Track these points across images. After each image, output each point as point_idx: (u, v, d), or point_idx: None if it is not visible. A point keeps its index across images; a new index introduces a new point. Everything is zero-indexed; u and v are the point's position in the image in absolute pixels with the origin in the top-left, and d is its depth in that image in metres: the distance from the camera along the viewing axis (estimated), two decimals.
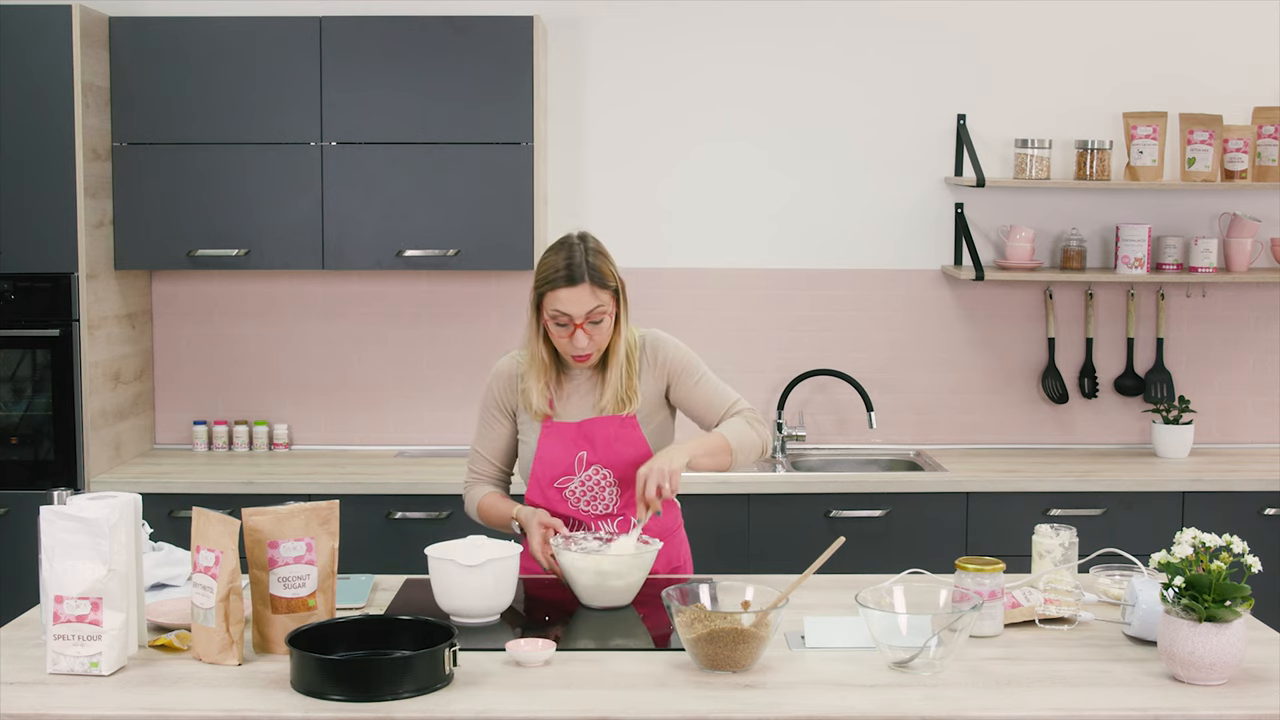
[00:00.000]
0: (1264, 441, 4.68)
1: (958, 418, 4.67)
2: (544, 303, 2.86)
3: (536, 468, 2.95)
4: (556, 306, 2.83)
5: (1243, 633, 2.27)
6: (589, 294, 2.83)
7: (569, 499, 2.95)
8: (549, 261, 2.86)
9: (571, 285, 2.82)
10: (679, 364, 2.99)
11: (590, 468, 2.94)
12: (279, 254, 4.29)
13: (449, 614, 2.64)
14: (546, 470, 2.94)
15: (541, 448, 2.95)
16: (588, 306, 2.83)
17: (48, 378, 4.10)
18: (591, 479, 2.94)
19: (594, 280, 2.83)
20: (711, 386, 3.02)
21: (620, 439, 2.93)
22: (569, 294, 2.82)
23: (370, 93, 4.22)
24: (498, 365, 3.04)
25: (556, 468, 2.94)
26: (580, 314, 2.83)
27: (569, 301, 2.82)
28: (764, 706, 2.19)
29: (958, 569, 2.55)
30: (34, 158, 4.05)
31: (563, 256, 2.85)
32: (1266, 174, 4.42)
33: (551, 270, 2.84)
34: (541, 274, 2.86)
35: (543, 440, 2.95)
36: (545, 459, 2.94)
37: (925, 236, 4.62)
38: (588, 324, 2.84)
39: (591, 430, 2.94)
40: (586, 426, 2.94)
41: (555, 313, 2.84)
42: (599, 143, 4.59)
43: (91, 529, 2.33)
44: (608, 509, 2.96)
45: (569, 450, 2.93)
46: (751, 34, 4.56)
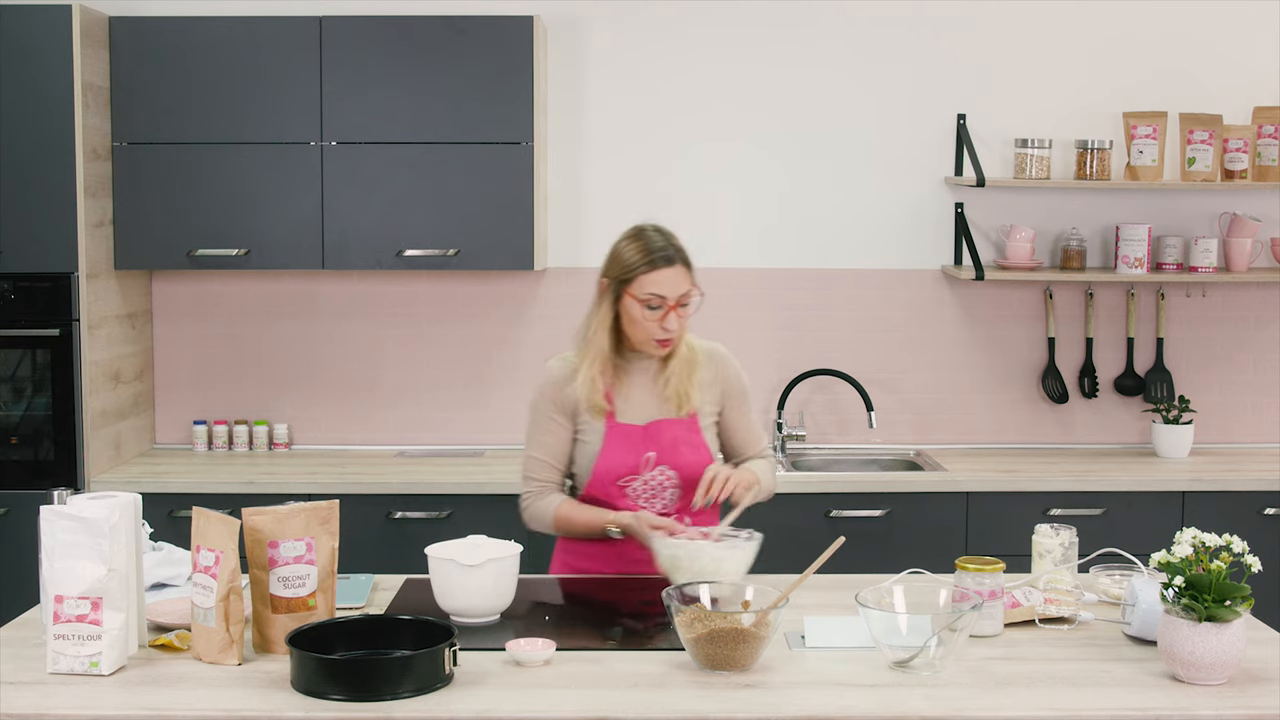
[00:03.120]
0: (1264, 441, 4.68)
1: (958, 418, 4.67)
2: (634, 287, 2.87)
3: (601, 466, 2.94)
4: (652, 289, 2.86)
5: (1243, 633, 2.27)
6: (683, 275, 2.89)
7: (629, 497, 2.95)
8: (637, 246, 2.89)
9: (670, 265, 2.87)
10: (739, 387, 3.07)
11: (657, 468, 2.94)
12: (279, 254, 4.29)
13: (449, 614, 2.64)
14: (612, 469, 2.94)
15: (608, 447, 2.94)
16: (682, 288, 2.88)
17: (48, 378, 4.10)
18: (655, 479, 2.95)
19: (684, 261, 2.90)
20: (753, 421, 3.11)
21: (685, 441, 2.96)
22: (668, 274, 2.86)
23: (370, 93, 4.22)
24: (550, 370, 3.02)
25: (622, 467, 2.94)
26: (674, 295, 2.87)
27: (666, 282, 2.86)
28: (764, 706, 2.19)
29: (958, 569, 2.55)
30: (34, 158, 4.05)
31: (654, 240, 2.90)
32: (1266, 174, 4.42)
33: (646, 253, 2.88)
34: (632, 258, 2.89)
35: (609, 440, 2.94)
36: (611, 458, 2.94)
37: (925, 236, 4.62)
38: (679, 307, 2.88)
39: (658, 432, 2.95)
40: (653, 428, 2.95)
41: (650, 295, 2.86)
42: (599, 142, 4.59)
43: (91, 529, 2.33)
44: (665, 509, 2.97)
45: (636, 451, 2.94)
46: (751, 34, 4.56)
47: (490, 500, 4.08)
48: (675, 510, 2.98)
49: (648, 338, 2.90)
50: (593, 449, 2.97)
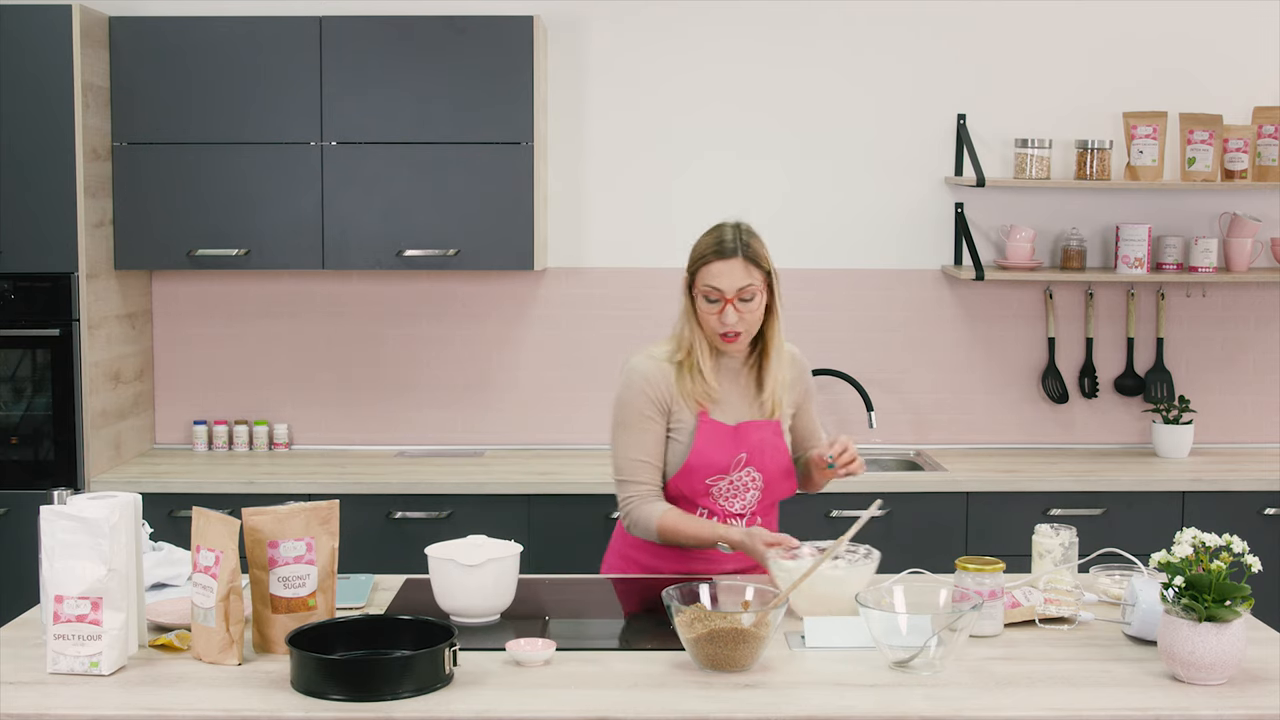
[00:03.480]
0: (1264, 441, 4.68)
1: (958, 418, 4.67)
2: (697, 280, 2.88)
3: (693, 462, 2.92)
4: (709, 281, 2.86)
5: (1243, 633, 2.27)
6: (741, 269, 2.85)
7: (714, 495, 2.95)
8: (703, 242, 2.91)
9: (723, 259, 2.85)
10: (811, 389, 3.11)
11: (745, 469, 2.94)
12: (279, 254, 4.29)
13: (449, 614, 2.64)
14: (703, 467, 2.92)
15: (699, 444, 2.92)
16: (740, 282, 2.85)
17: (48, 378, 4.10)
18: (742, 480, 2.94)
19: (747, 256, 2.86)
20: (817, 421, 3.14)
21: (771, 444, 2.96)
22: (722, 267, 2.85)
23: (370, 93, 4.22)
24: (641, 368, 2.95)
25: (713, 467, 2.93)
26: (731, 289, 2.84)
27: (721, 275, 2.85)
28: (764, 706, 2.19)
29: (958, 569, 2.55)
30: (34, 158, 4.05)
31: (717, 235, 2.90)
32: (1266, 174, 4.42)
33: (705, 247, 2.89)
34: (696, 252, 2.90)
35: (701, 438, 2.92)
36: (703, 456, 2.92)
37: (925, 236, 4.62)
38: (738, 301, 2.85)
39: (747, 433, 2.94)
40: (742, 429, 2.94)
41: (707, 288, 2.86)
42: (599, 142, 4.59)
43: (91, 529, 2.33)
44: (744, 509, 2.97)
45: (728, 451, 2.93)
46: (751, 34, 4.56)
47: (490, 500, 4.08)
48: (755, 511, 2.99)
49: (712, 332, 2.90)
50: (683, 445, 2.93)
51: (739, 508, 2.97)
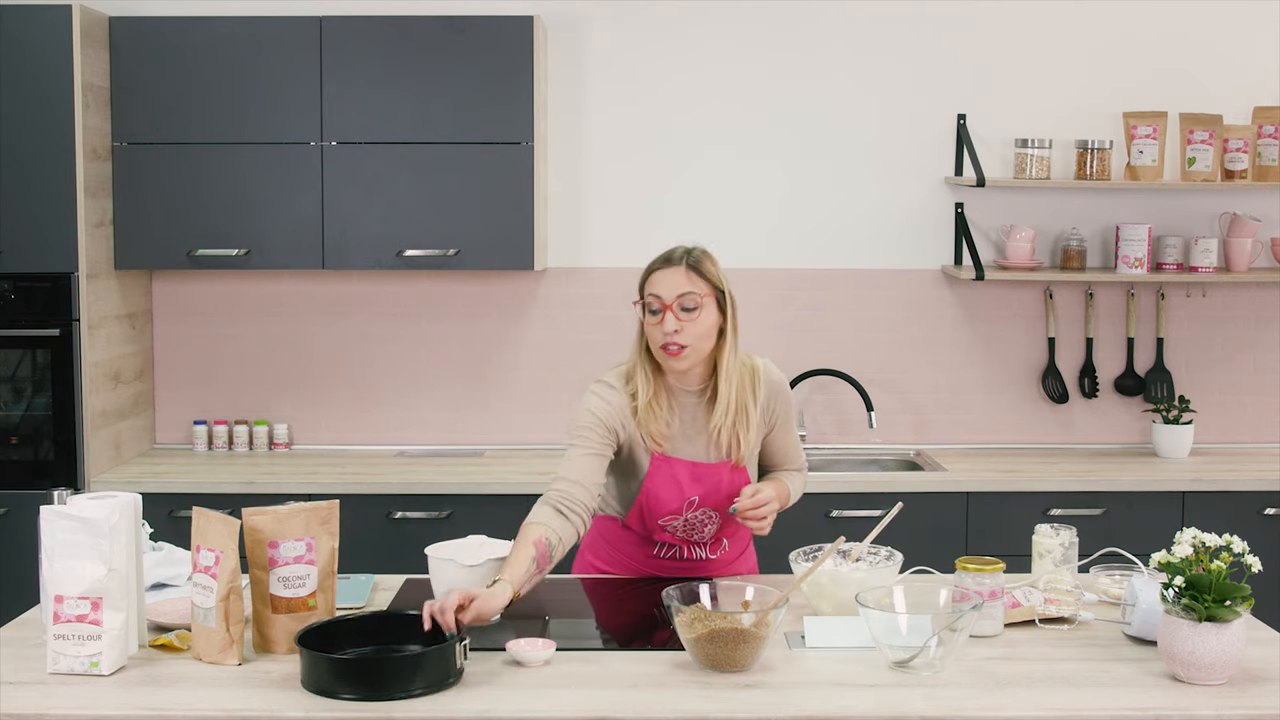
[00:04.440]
0: (1264, 441, 4.68)
1: (958, 418, 4.67)
2: (643, 292, 2.83)
3: (645, 502, 2.88)
4: (651, 289, 2.81)
5: (1243, 633, 2.27)
6: (682, 275, 2.79)
7: (668, 529, 2.93)
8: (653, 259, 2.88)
9: (668, 266, 2.81)
10: (786, 413, 2.99)
11: (699, 510, 2.90)
12: (279, 254, 4.29)
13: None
14: (655, 507, 2.89)
15: (652, 484, 2.87)
16: (680, 288, 2.78)
17: (48, 378, 4.10)
18: (697, 518, 2.91)
19: (690, 265, 2.81)
20: (794, 439, 3.05)
21: (729, 485, 2.89)
22: (662, 274, 2.81)
23: (370, 93, 4.22)
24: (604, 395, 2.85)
25: (665, 507, 2.88)
26: (671, 295, 2.78)
27: (660, 282, 2.80)
28: (764, 706, 2.19)
29: (958, 569, 2.55)
30: (34, 158, 4.05)
31: (666, 251, 2.87)
32: (1266, 174, 4.42)
33: (652, 261, 2.86)
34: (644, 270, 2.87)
35: (653, 477, 2.86)
36: (655, 497, 2.87)
37: (925, 236, 4.62)
38: (680, 309, 2.77)
39: (703, 475, 2.88)
40: (699, 471, 2.88)
41: (650, 296, 2.81)
42: (599, 142, 4.59)
43: (91, 529, 2.34)
44: (702, 540, 2.96)
45: (680, 492, 2.87)
46: (751, 34, 4.56)
47: (490, 500, 4.08)
48: (716, 537, 2.97)
49: (656, 346, 2.81)
50: (636, 480, 2.89)
51: (698, 538, 2.96)
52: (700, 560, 2.98)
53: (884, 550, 2.73)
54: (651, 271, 2.84)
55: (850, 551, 2.72)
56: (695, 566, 2.97)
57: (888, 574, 2.64)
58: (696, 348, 2.80)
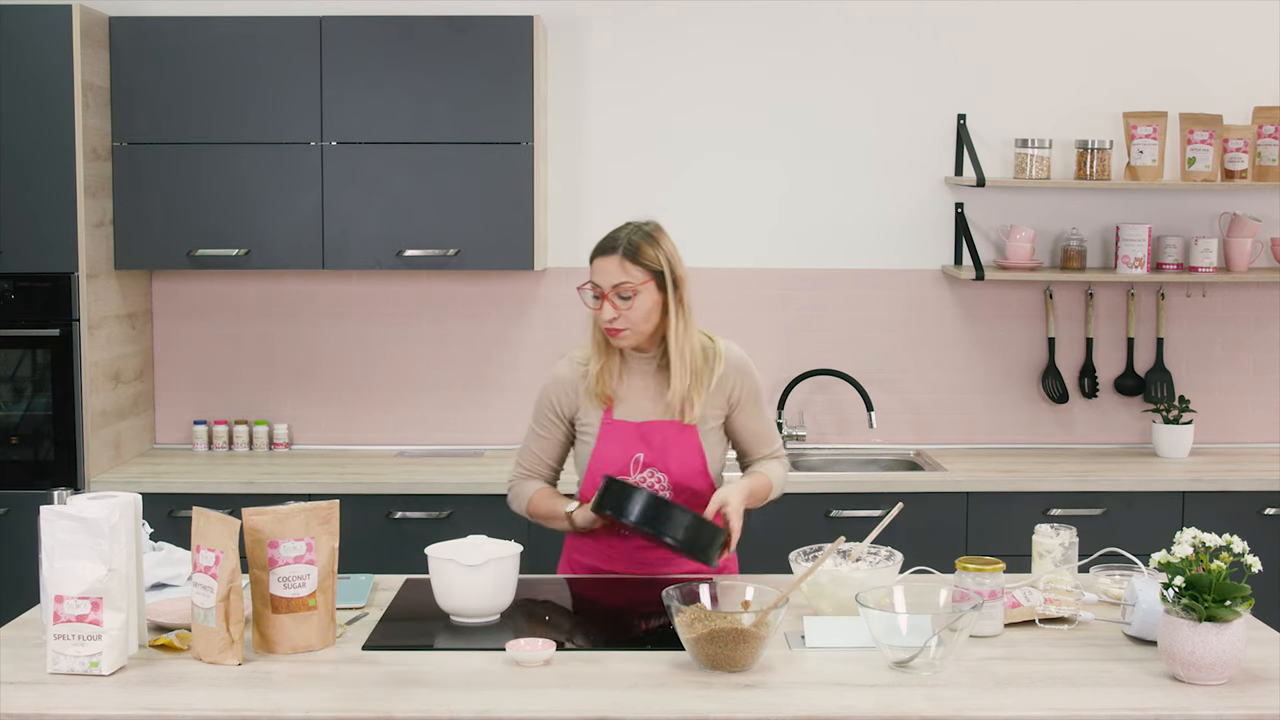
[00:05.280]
0: (1264, 441, 4.68)
1: (958, 418, 4.67)
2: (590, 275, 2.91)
3: (594, 465, 2.95)
4: (592, 277, 2.90)
5: (1243, 633, 2.27)
6: (616, 265, 2.86)
7: None
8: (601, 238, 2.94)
9: (605, 255, 2.88)
10: (750, 392, 3.02)
11: (646, 470, 2.94)
12: (279, 254, 4.29)
13: (449, 614, 2.64)
14: (603, 468, 2.94)
15: (600, 445, 2.95)
16: (614, 279, 2.86)
17: (48, 378, 4.10)
18: (646, 481, 2.94)
19: (626, 254, 2.86)
20: (766, 423, 3.07)
21: (677, 444, 2.94)
22: (600, 263, 2.89)
23: (370, 93, 4.22)
24: (557, 370, 3.02)
25: (612, 467, 2.93)
26: (607, 284, 2.87)
27: (598, 270, 2.89)
28: (764, 706, 2.19)
29: (958, 569, 2.55)
30: (34, 158, 4.05)
31: (610, 232, 2.93)
32: (1266, 174, 4.42)
33: (596, 244, 2.92)
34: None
35: (602, 437, 2.95)
36: (602, 457, 2.94)
37: (925, 236, 4.62)
38: (616, 298, 2.86)
39: (650, 433, 2.94)
40: (645, 428, 2.95)
41: (589, 283, 2.90)
42: (599, 142, 4.59)
43: (91, 529, 2.33)
44: None
45: (626, 450, 2.94)
46: (751, 34, 4.56)
47: (490, 500, 4.08)
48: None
49: (600, 327, 2.93)
50: (589, 447, 2.97)
51: None
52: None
53: (884, 550, 2.73)
54: (593, 257, 2.91)
55: (850, 551, 2.72)
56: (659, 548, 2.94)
57: (888, 574, 2.64)
58: (636, 329, 2.90)
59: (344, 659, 2.42)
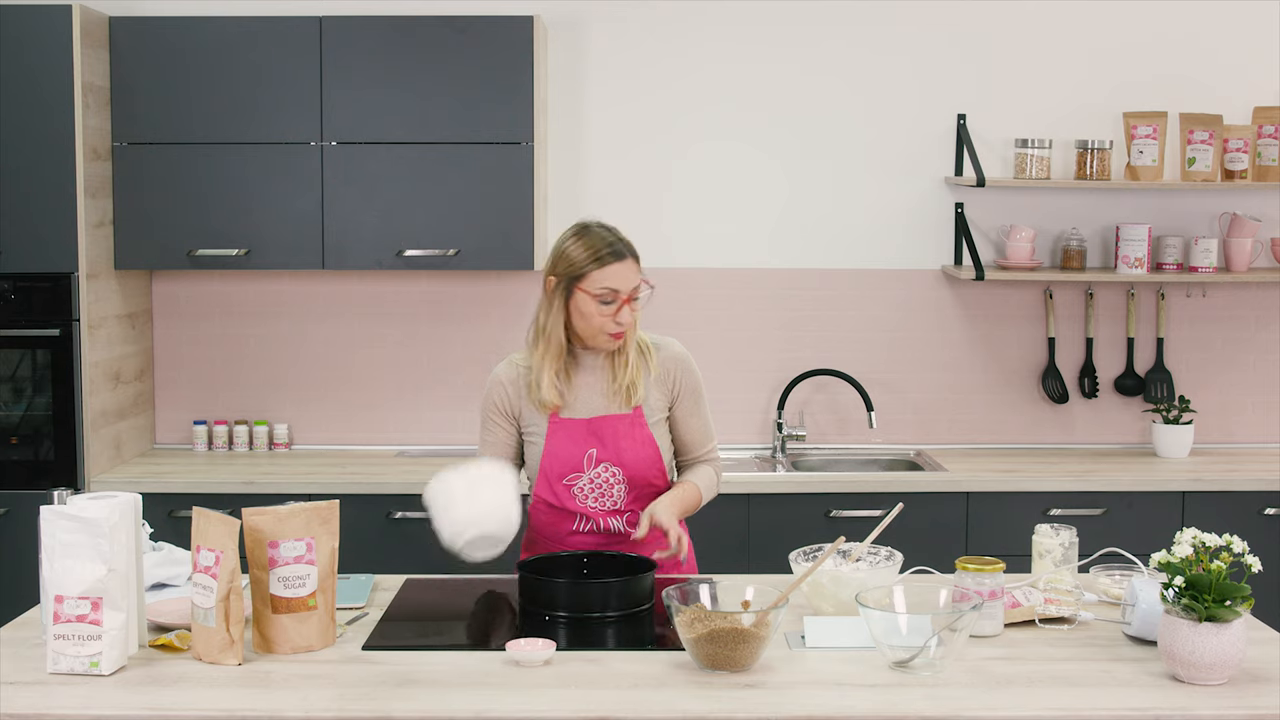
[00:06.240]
0: (1264, 441, 4.68)
1: (958, 418, 4.67)
2: (586, 283, 2.88)
3: (545, 464, 2.96)
4: (607, 283, 2.88)
5: (1243, 633, 2.27)
6: (634, 270, 2.92)
7: (577, 496, 2.96)
8: (585, 243, 2.91)
9: (622, 260, 2.90)
10: (691, 386, 3.05)
11: (600, 465, 2.94)
12: (279, 254, 4.29)
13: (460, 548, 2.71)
14: (555, 467, 2.95)
15: (550, 444, 2.95)
16: (633, 281, 2.91)
17: (48, 378, 4.10)
18: (600, 476, 2.94)
19: (634, 256, 2.93)
20: (704, 421, 3.08)
21: (628, 436, 2.96)
22: (621, 268, 2.89)
23: (370, 93, 4.22)
24: (496, 373, 3.04)
25: (565, 465, 2.94)
26: (627, 289, 2.89)
27: (619, 276, 2.89)
28: (764, 706, 2.19)
29: (958, 569, 2.55)
30: (34, 158, 4.05)
31: (601, 237, 2.92)
32: (1266, 174, 4.42)
33: (598, 249, 2.90)
34: (583, 255, 2.89)
35: (551, 437, 2.95)
36: (554, 455, 2.95)
37: (925, 236, 4.62)
38: (630, 300, 2.90)
39: (600, 428, 2.95)
40: (595, 424, 2.95)
41: (604, 290, 2.88)
42: (599, 142, 4.59)
43: (91, 529, 2.33)
44: (615, 505, 2.97)
45: (578, 447, 2.94)
46: (751, 34, 4.56)
47: None
48: (626, 507, 2.97)
49: (600, 332, 2.91)
50: (538, 448, 2.97)
51: (610, 505, 2.97)
52: (618, 534, 2.96)
53: (884, 550, 2.73)
54: (605, 263, 2.89)
55: (850, 551, 2.72)
56: (614, 542, 2.96)
57: (888, 574, 2.64)
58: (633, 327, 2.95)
59: (344, 659, 2.42)
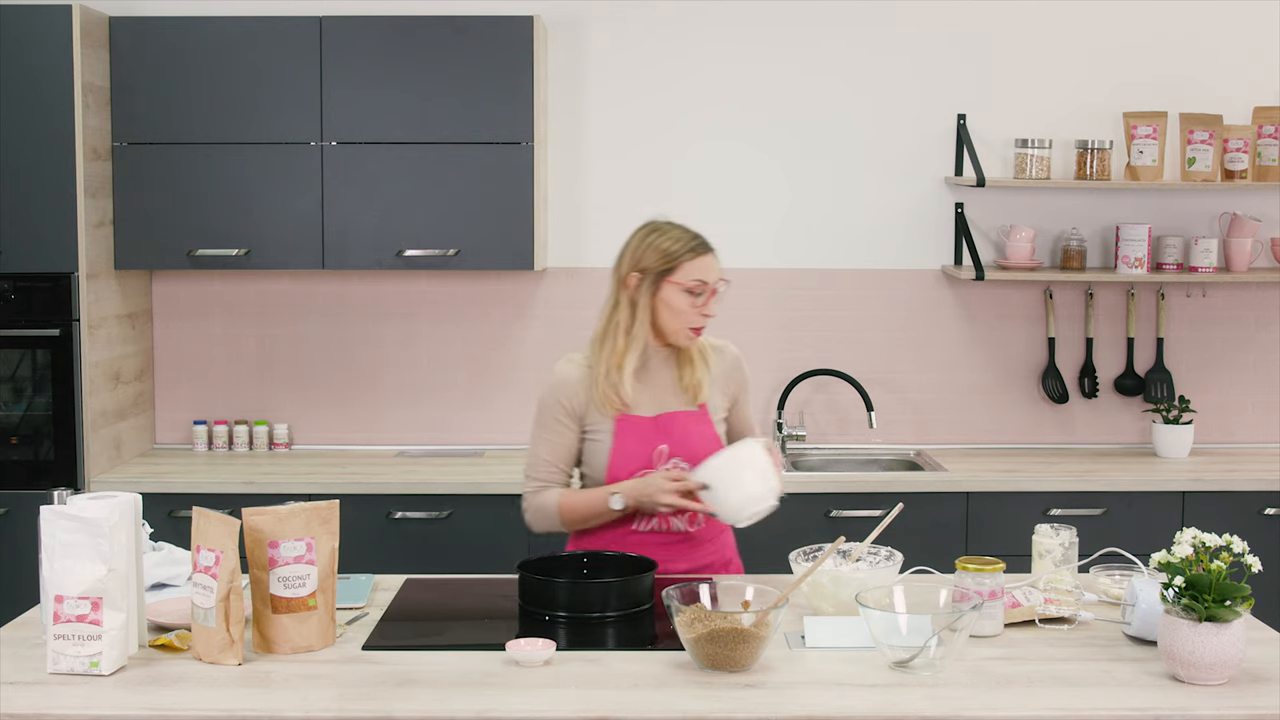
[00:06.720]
0: (1264, 441, 4.68)
1: (958, 418, 4.67)
2: (677, 274, 2.91)
3: (615, 462, 2.94)
4: (696, 275, 2.93)
5: (1243, 633, 2.27)
6: (716, 261, 2.98)
7: None
8: (674, 235, 2.96)
9: (711, 251, 2.97)
10: (746, 384, 3.13)
11: (670, 461, 2.95)
12: (279, 254, 4.29)
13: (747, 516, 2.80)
14: (625, 464, 2.94)
15: (619, 442, 2.95)
16: (718, 274, 2.97)
17: (48, 378, 4.10)
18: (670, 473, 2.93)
19: (714, 251, 2.99)
20: (750, 416, 3.15)
21: (697, 433, 2.98)
22: (710, 259, 2.96)
23: (370, 93, 4.22)
24: (561, 373, 3.01)
25: (635, 461, 2.94)
26: (714, 279, 2.95)
27: (708, 268, 2.95)
28: (764, 706, 2.19)
29: (958, 569, 2.55)
30: (34, 158, 4.05)
31: (686, 230, 2.98)
32: (1266, 174, 4.42)
33: (688, 240, 2.95)
34: (673, 247, 2.93)
35: (620, 435, 2.95)
36: (624, 453, 2.94)
37: (925, 236, 4.62)
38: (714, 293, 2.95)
39: (668, 424, 2.96)
40: (662, 421, 2.97)
41: (694, 282, 2.92)
42: (599, 142, 4.59)
43: (91, 529, 2.33)
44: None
45: (647, 444, 2.95)
46: (751, 34, 4.56)
47: (490, 500, 4.08)
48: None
49: (684, 326, 2.94)
50: (604, 446, 2.96)
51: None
52: (679, 534, 2.97)
53: (884, 550, 2.73)
54: (696, 254, 2.94)
55: (850, 551, 2.72)
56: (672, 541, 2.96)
57: (888, 574, 2.64)
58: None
59: (344, 659, 2.42)
